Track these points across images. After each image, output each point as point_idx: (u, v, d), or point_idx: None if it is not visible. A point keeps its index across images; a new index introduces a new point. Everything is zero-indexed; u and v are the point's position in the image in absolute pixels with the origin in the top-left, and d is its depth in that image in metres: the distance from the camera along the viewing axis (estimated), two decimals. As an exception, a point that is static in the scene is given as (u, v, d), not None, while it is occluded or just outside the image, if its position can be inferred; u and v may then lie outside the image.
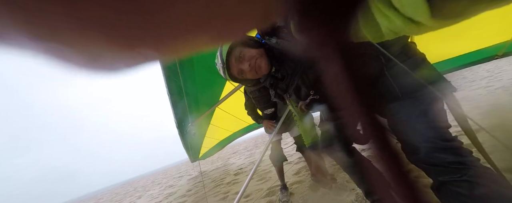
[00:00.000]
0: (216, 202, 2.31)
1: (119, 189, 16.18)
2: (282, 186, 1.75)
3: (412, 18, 0.18)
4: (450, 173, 0.49)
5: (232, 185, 2.91)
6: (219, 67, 0.75)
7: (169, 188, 5.38)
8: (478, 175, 0.46)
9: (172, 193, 4.22)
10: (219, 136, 3.63)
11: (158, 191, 5.70)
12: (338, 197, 1.37)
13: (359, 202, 1.22)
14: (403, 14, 0.19)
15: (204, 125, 2.83)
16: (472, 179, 0.46)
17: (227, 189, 2.75)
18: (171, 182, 6.64)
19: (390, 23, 0.20)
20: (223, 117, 2.96)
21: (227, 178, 3.53)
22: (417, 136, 0.54)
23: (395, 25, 0.20)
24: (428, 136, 0.52)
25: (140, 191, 7.85)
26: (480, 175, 0.47)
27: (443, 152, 0.50)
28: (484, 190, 0.44)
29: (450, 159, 0.49)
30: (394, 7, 0.19)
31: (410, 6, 0.18)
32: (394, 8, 0.19)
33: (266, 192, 1.97)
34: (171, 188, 5.26)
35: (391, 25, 0.21)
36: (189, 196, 3.33)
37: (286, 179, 1.88)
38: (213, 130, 3.20)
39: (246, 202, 1.88)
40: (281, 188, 1.74)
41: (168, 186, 5.98)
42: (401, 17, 0.19)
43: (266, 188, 2.07)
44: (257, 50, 0.71)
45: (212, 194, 2.77)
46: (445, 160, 0.50)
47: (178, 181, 6.17)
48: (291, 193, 1.72)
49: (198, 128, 2.52)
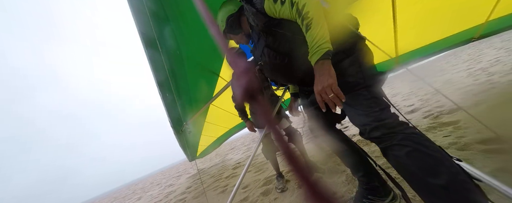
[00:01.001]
0: (216, 195, 2.37)
1: (117, 194, 16.01)
2: (278, 175, 1.82)
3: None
4: (386, 141, 0.66)
5: (231, 178, 2.98)
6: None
7: (169, 187, 5.41)
8: (406, 138, 0.63)
9: (172, 192, 4.26)
10: (215, 133, 3.65)
11: (157, 191, 5.71)
12: (330, 179, 1.45)
13: (349, 181, 1.30)
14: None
15: (200, 123, 2.85)
16: (401, 142, 0.63)
17: (226, 183, 2.81)
18: (170, 182, 6.66)
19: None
20: (218, 114, 2.98)
21: (225, 173, 3.59)
22: (359, 121, 0.73)
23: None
24: (365, 121, 0.70)
25: (139, 193, 7.83)
26: (407, 138, 0.62)
27: (378, 129, 0.67)
28: (411, 148, 0.61)
29: (384, 132, 0.66)
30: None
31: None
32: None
33: (263, 182, 2.04)
34: (170, 187, 5.29)
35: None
36: (188, 192, 3.37)
37: (281, 168, 1.95)
38: (209, 128, 3.22)
39: (244, 193, 1.95)
40: (277, 176, 1.81)
41: (167, 185, 6.00)
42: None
43: (263, 178, 2.15)
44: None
45: (212, 188, 2.83)
46: (381, 133, 0.67)
47: (177, 180, 6.20)
48: (287, 180, 1.80)
49: (193, 126, 2.53)
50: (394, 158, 0.65)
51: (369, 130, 0.69)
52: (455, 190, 0.53)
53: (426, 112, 2.25)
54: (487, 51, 5.23)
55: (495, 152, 1.06)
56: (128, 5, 1.09)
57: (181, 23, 1.39)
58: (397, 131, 0.65)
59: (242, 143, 10.30)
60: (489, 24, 1.89)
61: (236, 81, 0.22)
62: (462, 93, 2.40)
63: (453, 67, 4.89)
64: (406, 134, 0.64)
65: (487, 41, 7.27)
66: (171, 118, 1.94)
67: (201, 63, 1.97)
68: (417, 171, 0.58)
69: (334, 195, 1.17)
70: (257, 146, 1.26)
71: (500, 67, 3.01)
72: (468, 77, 3.15)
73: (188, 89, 2.00)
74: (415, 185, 0.61)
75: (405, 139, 0.62)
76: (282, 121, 1.76)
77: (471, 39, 2.15)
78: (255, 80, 0.22)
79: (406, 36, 1.96)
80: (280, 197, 1.55)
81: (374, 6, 1.70)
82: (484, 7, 1.74)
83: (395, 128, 0.66)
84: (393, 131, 0.65)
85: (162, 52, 1.33)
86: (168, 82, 1.59)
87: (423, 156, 0.59)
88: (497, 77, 2.52)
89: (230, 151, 8.04)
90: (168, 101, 1.75)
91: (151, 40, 1.25)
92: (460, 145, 1.25)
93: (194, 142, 3.04)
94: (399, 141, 0.63)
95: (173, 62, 1.55)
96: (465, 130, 1.44)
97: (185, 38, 1.52)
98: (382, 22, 1.80)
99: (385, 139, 0.66)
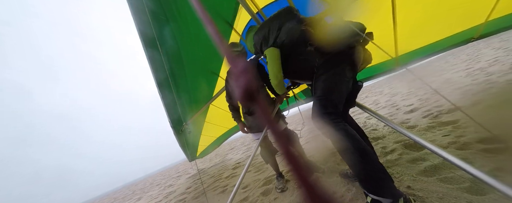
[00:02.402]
0: (216, 196, 2.37)
1: (117, 194, 16.00)
2: (278, 175, 1.82)
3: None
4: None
5: (231, 178, 2.98)
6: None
7: (169, 187, 5.40)
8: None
9: (172, 192, 4.25)
10: (215, 133, 3.65)
11: (157, 191, 5.71)
12: (330, 179, 1.45)
13: (348, 181, 1.30)
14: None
15: (200, 123, 2.84)
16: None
17: (225, 183, 2.81)
18: (170, 182, 6.65)
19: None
20: (218, 114, 2.98)
21: (225, 173, 3.59)
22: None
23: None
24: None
25: (139, 194, 7.82)
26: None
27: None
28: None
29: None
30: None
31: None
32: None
33: (263, 182, 2.04)
34: (170, 187, 5.28)
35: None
36: (188, 193, 3.37)
37: (281, 168, 1.95)
38: (209, 128, 3.22)
39: (244, 192, 1.95)
40: (277, 176, 1.81)
41: (167, 186, 5.99)
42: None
43: (263, 178, 2.15)
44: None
45: (212, 189, 2.83)
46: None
47: (177, 180, 6.20)
48: (287, 180, 1.80)
49: (193, 126, 2.53)
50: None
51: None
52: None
53: (425, 112, 2.25)
54: (485, 51, 5.24)
55: (494, 152, 1.06)
56: (128, 5, 1.09)
57: (180, 23, 1.39)
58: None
59: (242, 143, 10.30)
60: (488, 24, 1.90)
61: (235, 81, 0.22)
62: (461, 93, 2.41)
63: (452, 67, 4.90)
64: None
65: (485, 41, 7.29)
66: (171, 118, 1.94)
67: (201, 63, 1.97)
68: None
69: (334, 195, 1.17)
70: (255, 150, 1.26)
71: (499, 67, 3.02)
72: (467, 77, 3.16)
73: (188, 89, 2.00)
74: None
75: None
76: (278, 123, 1.76)
77: (471, 39, 2.15)
78: (254, 80, 0.22)
79: (406, 36, 1.97)
80: (280, 197, 1.55)
81: (374, 6, 1.70)
82: (484, 7, 1.75)
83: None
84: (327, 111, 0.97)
85: (162, 52, 1.33)
86: (168, 82, 1.59)
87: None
88: (496, 77, 2.53)
89: (230, 151, 8.03)
90: (168, 101, 1.74)
91: (151, 40, 1.25)
92: (460, 144, 1.25)
93: (194, 142, 3.04)
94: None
95: (172, 62, 1.55)
96: (464, 129, 1.44)
97: (185, 38, 1.52)
98: (382, 22, 1.80)
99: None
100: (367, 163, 0.81)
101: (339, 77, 0.94)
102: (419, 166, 1.20)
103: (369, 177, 0.81)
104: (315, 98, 0.99)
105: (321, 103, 0.95)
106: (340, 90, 0.95)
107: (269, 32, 1.10)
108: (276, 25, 1.08)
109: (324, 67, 0.97)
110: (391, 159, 1.41)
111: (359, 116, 3.76)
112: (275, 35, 1.08)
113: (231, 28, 1.92)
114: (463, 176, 0.97)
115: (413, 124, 2.02)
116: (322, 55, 0.97)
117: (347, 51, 0.95)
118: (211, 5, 1.55)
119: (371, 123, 2.81)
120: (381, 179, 0.80)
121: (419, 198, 0.93)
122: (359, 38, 0.96)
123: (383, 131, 2.16)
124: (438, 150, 0.63)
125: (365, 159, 0.82)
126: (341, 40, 0.94)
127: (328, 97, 0.94)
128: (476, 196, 0.85)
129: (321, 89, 0.97)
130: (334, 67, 0.95)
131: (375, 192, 0.80)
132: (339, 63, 0.95)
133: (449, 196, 0.89)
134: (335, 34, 0.96)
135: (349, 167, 0.92)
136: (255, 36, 1.20)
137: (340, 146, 0.87)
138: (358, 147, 0.83)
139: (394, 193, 0.79)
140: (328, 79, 0.96)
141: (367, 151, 0.83)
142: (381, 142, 1.83)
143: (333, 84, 0.95)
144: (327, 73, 0.96)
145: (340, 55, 0.95)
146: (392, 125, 0.82)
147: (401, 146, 1.57)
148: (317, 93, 0.98)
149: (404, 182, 1.09)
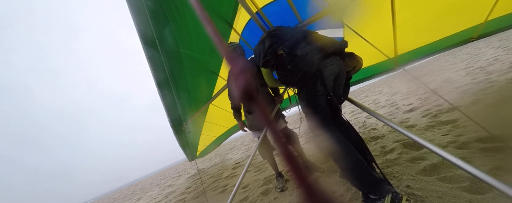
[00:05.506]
0: (216, 195, 2.37)
1: (116, 194, 16.00)
2: (277, 174, 1.82)
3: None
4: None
5: (231, 178, 2.98)
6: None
7: (169, 187, 5.40)
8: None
9: (172, 192, 4.25)
10: (215, 132, 3.65)
11: (157, 191, 5.71)
12: (329, 178, 1.45)
13: (347, 182, 1.30)
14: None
15: (200, 122, 2.84)
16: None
17: (225, 183, 2.81)
18: (170, 182, 6.65)
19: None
20: (218, 113, 2.98)
21: (225, 173, 3.59)
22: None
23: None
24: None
25: (139, 194, 7.82)
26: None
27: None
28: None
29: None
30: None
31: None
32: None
33: (263, 182, 2.04)
34: (170, 187, 5.28)
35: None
36: (188, 193, 3.37)
37: (280, 168, 1.95)
38: (209, 127, 3.22)
39: (244, 192, 1.95)
40: (276, 176, 1.82)
41: (167, 186, 6.00)
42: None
43: (263, 178, 2.15)
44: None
45: (212, 188, 2.83)
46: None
47: (177, 180, 6.20)
48: (287, 180, 1.80)
49: (193, 126, 2.53)
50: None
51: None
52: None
53: (424, 111, 2.26)
54: (485, 50, 5.24)
55: (493, 151, 1.07)
56: (127, 4, 1.09)
57: (180, 23, 1.39)
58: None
59: (242, 142, 10.30)
60: (488, 24, 1.90)
61: (234, 81, 0.22)
62: (460, 92, 2.41)
63: (452, 66, 4.91)
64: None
65: (485, 40, 7.29)
66: (171, 117, 1.94)
67: (201, 63, 1.96)
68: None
69: (333, 194, 1.17)
70: (256, 147, 1.26)
71: (498, 66, 3.02)
72: (467, 76, 3.17)
73: (187, 89, 2.00)
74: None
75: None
76: (278, 122, 1.76)
77: (470, 39, 2.15)
78: (253, 80, 0.22)
79: (405, 36, 1.97)
80: (279, 196, 1.55)
81: (373, 6, 1.70)
82: (483, 7, 1.75)
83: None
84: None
85: (162, 51, 1.33)
86: (167, 82, 1.59)
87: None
88: (495, 76, 2.53)
89: (229, 151, 8.03)
90: (167, 101, 1.74)
91: (151, 39, 1.25)
92: (459, 143, 1.25)
93: (194, 142, 3.04)
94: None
95: (172, 62, 1.54)
96: (463, 128, 1.45)
97: (184, 37, 1.52)
98: (381, 22, 1.80)
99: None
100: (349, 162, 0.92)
101: (313, 93, 1.07)
102: (418, 165, 1.20)
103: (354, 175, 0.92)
104: (304, 114, 1.16)
105: (308, 118, 1.12)
106: (318, 103, 1.07)
107: (259, 56, 1.31)
108: (261, 50, 1.28)
109: (299, 86, 1.13)
110: (390, 158, 1.41)
111: (358, 115, 3.76)
112: (263, 59, 1.27)
113: (230, 28, 1.91)
114: (462, 175, 0.98)
115: (413, 123, 2.03)
116: (297, 74, 1.10)
117: (315, 71, 1.06)
118: (210, 5, 1.55)
119: (370, 122, 2.81)
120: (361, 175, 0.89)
121: (419, 197, 0.93)
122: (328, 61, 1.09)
123: (383, 130, 2.16)
124: (437, 149, 0.63)
125: (346, 157, 0.93)
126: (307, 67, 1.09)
127: (311, 112, 1.09)
128: (475, 195, 0.85)
129: (304, 107, 1.13)
130: (306, 85, 1.09)
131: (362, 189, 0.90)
132: (309, 81, 1.07)
133: (449, 195, 0.89)
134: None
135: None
136: (254, 52, 1.42)
137: (329, 149, 0.98)
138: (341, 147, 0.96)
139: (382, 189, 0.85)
140: (304, 97, 1.11)
141: (349, 151, 0.94)
142: (381, 141, 1.83)
143: (311, 101, 1.09)
144: (302, 92, 1.12)
145: (308, 75, 1.07)
146: (391, 124, 0.82)
147: (400, 145, 1.57)
148: (303, 111, 1.15)
149: (403, 181, 1.10)
